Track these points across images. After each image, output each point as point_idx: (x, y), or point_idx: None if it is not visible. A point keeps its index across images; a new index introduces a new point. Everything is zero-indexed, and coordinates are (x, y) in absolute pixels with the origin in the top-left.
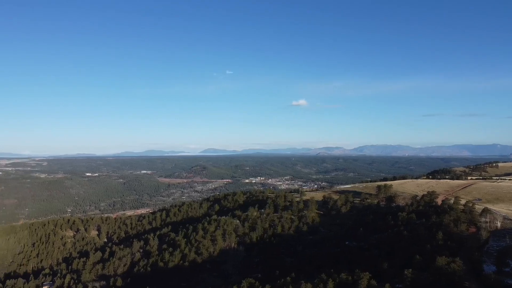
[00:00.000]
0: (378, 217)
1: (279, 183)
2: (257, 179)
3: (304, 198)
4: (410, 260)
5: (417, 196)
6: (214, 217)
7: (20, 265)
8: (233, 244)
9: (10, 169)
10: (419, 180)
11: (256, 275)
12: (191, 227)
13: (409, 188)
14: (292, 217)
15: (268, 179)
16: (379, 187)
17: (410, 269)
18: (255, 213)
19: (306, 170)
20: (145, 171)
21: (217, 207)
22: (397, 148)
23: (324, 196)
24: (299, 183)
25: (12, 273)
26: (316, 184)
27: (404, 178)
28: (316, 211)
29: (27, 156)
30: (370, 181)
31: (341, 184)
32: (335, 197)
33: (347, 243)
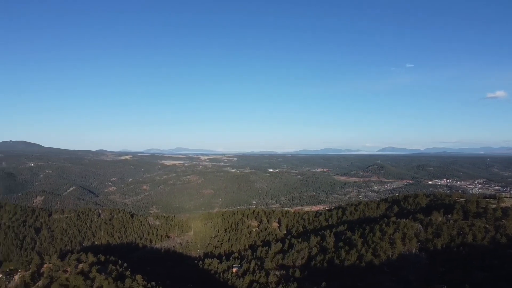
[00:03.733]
0: None
1: (470, 186)
2: (442, 181)
3: (503, 205)
4: None
5: None
6: (393, 219)
7: (215, 247)
8: (413, 249)
9: (208, 163)
10: None
11: (440, 286)
12: (367, 227)
13: None
14: (487, 226)
15: (455, 182)
16: None
17: None
18: (439, 218)
19: (506, 173)
20: (321, 169)
21: (396, 208)
22: None
23: None
24: (495, 187)
25: (209, 253)
26: None
27: None
28: None
29: (221, 153)
30: None
31: None
32: None
33: None
